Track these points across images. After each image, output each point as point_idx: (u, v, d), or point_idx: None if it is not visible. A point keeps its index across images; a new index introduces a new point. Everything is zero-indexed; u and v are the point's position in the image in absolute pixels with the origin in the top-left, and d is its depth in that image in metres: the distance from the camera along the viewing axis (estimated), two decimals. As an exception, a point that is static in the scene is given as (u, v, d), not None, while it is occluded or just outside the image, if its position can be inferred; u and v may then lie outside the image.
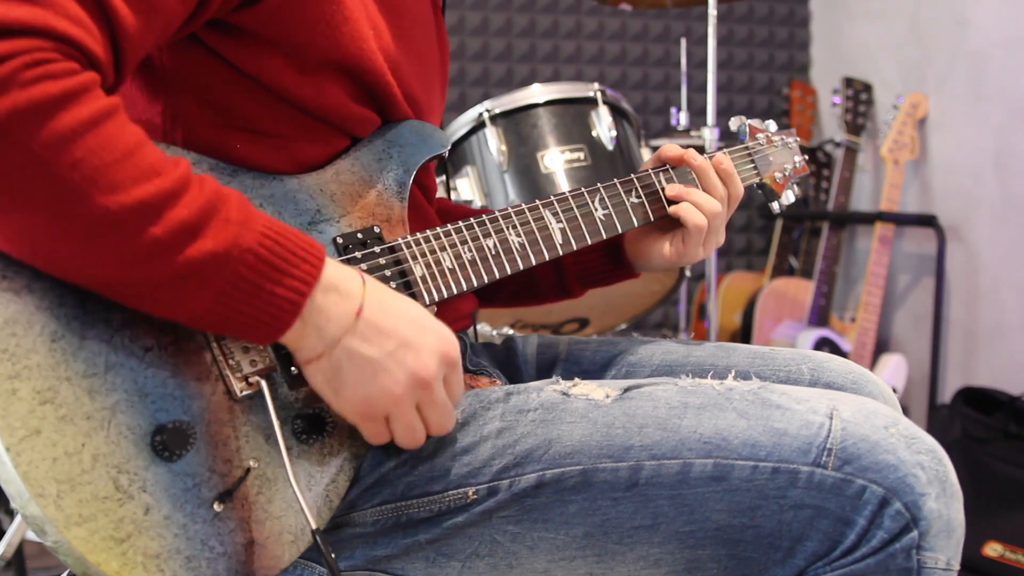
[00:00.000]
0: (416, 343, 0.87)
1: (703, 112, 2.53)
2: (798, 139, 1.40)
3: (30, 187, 0.72)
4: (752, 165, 1.30)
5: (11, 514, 2.19)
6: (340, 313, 0.84)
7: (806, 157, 1.40)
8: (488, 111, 2.12)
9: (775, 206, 1.33)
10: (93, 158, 0.73)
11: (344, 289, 0.84)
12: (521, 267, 1.06)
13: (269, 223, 0.81)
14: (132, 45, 0.81)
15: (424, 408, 0.89)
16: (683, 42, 2.54)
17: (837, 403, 0.94)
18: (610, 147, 2.14)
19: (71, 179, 0.72)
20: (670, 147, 1.20)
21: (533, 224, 1.08)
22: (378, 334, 0.85)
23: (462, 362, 1.15)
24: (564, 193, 1.12)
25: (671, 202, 1.19)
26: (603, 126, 2.14)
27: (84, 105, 0.74)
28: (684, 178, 1.21)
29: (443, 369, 0.89)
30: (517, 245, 1.06)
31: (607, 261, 1.28)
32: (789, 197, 1.35)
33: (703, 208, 1.17)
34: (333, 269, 0.84)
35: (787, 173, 1.34)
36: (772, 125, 1.36)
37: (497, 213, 1.06)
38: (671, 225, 1.21)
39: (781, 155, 1.35)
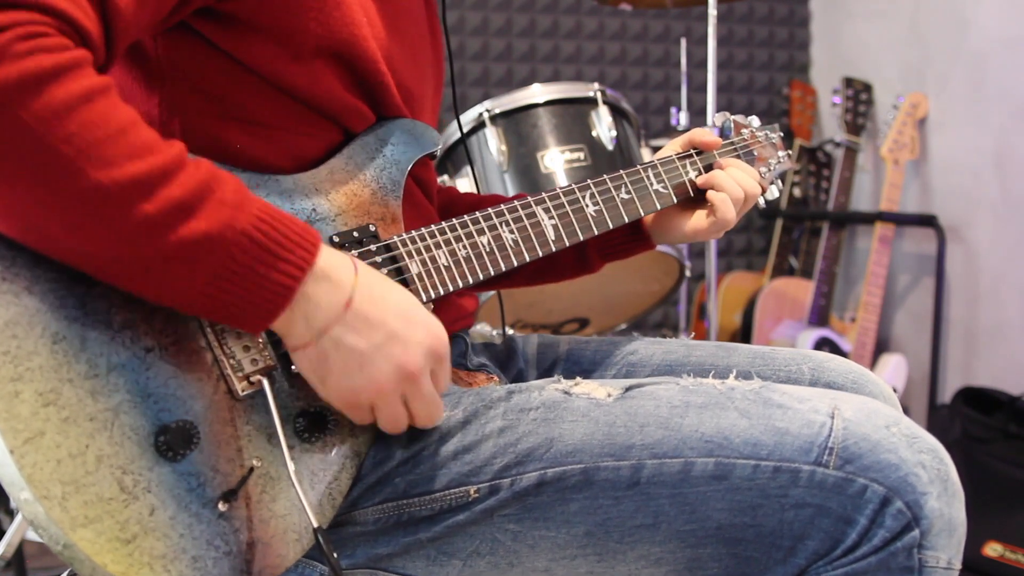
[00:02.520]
0: (404, 336, 0.87)
1: (703, 112, 2.54)
2: (780, 134, 1.41)
3: (22, 160, 0.71)
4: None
5: (11, 514, 2.19)
6: (329, 303, 0.83)
7: (789, 152, 1.41)
8: (488, 111, 2.12)
9: (760, 201, 1.35)
10: (86, 132, 0.73)
11: (335, 278, 0.84)
12: (515, 263, 1.07)
13: (264, 207, 0.81)
14: (124, 26, 0.81)
15: (410, 400, 0.89)
16: (683, 42, 2.54)
17: (839, 402, 0.94)
18: (610, 147, 2.14)
19: (64, 152, 0.72)
20: (703, 132, 1.27)
21: (526, 221, 1.08)
22: (366, 326, 0.85)
23: (462, 360, 1.16)
24: (556, 190, 1.13)
25: (698, 191, 1.25)
26: (603, 126, 2.15)
27: (78, 80, 0.73)
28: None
29: (430, 363, 0.89)
30: (511, 242, 1.06)
31: (627, 233, 1.30)
32: (773, 192, 1.37)
33: (733, 198, 1.23)
34: (327, 256, 0.84)
35: (772, 168, 1.36)
36: (755, 121, 1.39)
37: (491, 210, 1.06)
38: (691, 201, 1.26)
39: (766, 151, 1.37)
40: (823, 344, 3.12)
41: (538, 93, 2.15)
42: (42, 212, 0.74)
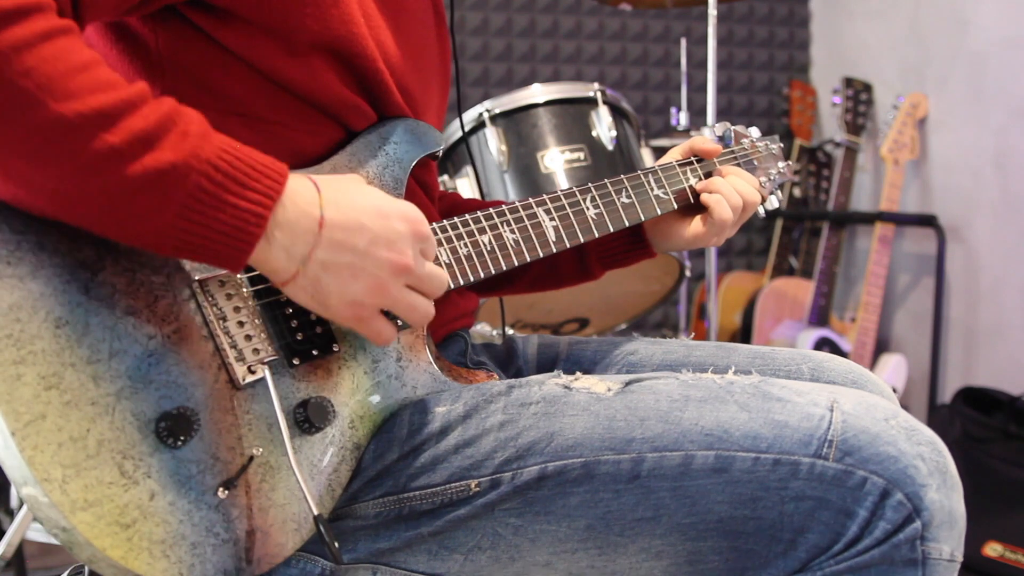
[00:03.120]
0: (384, 233, 0.86)
1: (703, 112, 2.54)
2: (781, 145, 1.42)
3: None
4: None
5: (11, 514, 2.19)
6: (303, 227, 0.83)
7: (789, 163, 1.42)
8: (488, 111, 2.12)
9: (760, 211, 1.36)
10: (47, 66, 0.73)
11: (302, 203, 0.83)
12: (516, 263, 1.07)
13: (228, 140, 0.81)
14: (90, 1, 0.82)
15: (415, 285, 0.89)
16: (683, 42, 2.54)
17: (838, 396, 0.94)
18: (610, 147, 2.14)
19: (24, 86, 0.72)
20: (703, 140, 1.28)
21: (527, 221, 1.09)
22: (346, 237, 0.85)
23: (462, 360, 1.16)
24: (557, 192, 1.14)
25: (696, 197, 1.26)
26: (603, 126, 2.15)
27: (38, 20, 0.74)
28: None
29: (417, 246, 0.89)
30: (511, 241, 1.07)
31: (628, 241, 1.30)
32: (773, 202, 1.38)
33: (730, 202, 1.23)
34: (291, 182, 0.83)
35: (772, 178, 1.37)
36: (755, 131, 1.40)
37: (492, 211, 1.07)
38: (690, 208, 1.26)
39: (766, 160, 1.38)
40: (823, 344, 3.12)
41: (538, 93, 2.16)
42: (5, 149, 0.73)
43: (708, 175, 1.28)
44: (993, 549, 2.44)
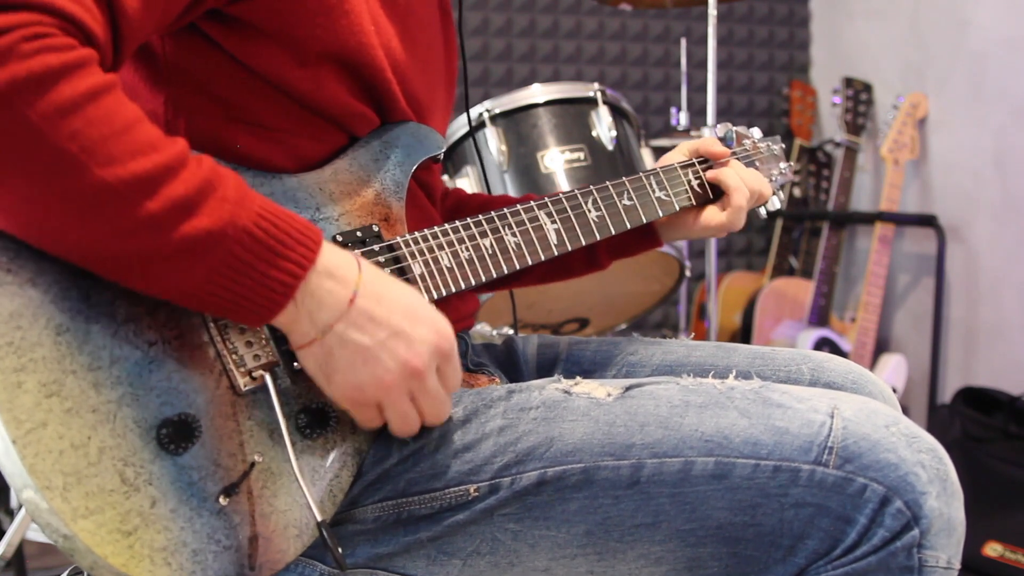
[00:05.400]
0: (408, 333, 0.87)
1: (703, 112, 2.54)
2: (782, 145, 1.42)
3: (27, 157, 0.72)
4: None
5: (11, 514, 2.19)
6: (333, 300, 0.84)
7: (791, 164, 1.43)
8: (488, 111, 2.12)
9: (762, 211, 1.36)
10: (91, 130, 0.73)
11: (339, 275, 0.84)
12: (517, 266, 1.07)
13: (266, 204, 0.81)
14: (131, 29, 0.81)
15: (418, 398, 0.89)
16: (683, 42, 2.54)
17: (838, 402, 0.94)
18: (610, 147, 2.14)
19: (68, 150, 0.72)
20: (711, 141, 1.29)
21: (528, 224, 1.09)
22: (370, 322, 0.85)
23: (463, 361, 1.16)
24: (559, 194, 1.14)
25: (704, 195, 1.28)
26: (603, 126, 2.15)
27: (83, 78, 0.74)
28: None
29: (436, 360, 0.89)
30: (513, 245, 1.07)
31: (636, 232, 1.30)
32: (775, 203, 1.39)
33: (748, 186, 1.26)
34: (329, 254, 0.84)
35: (773, 179, 1.37)
36: (756, 132, 1.40)
37: (493, 213, 1.07)
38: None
39: (768, 161, 1.38)
40: (823, 344, 3.12)
41: (538, 93, 2.16)
42: (45, 209, 0.74)
43: None
44: (993, 549, 2.44)
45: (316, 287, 0.83)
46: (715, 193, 1.29)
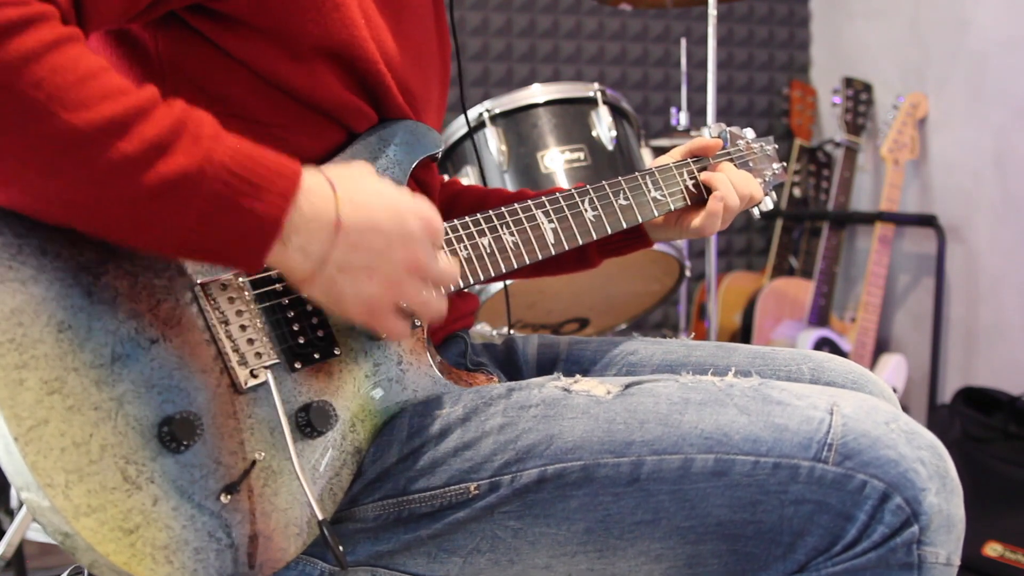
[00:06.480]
0: (399, 233, 0.87)
1: (703, 112, 2.54)
2: (775, 146, 1.43)
3: None
4: None
5: (11, 514, 2.19)
6: (319, 230, 0.83)
7: (784, 164, 1.43)
8: (488, 111, 2.12)
9: (755, 212, 1.36)
10: (57, 77, 0.73)
11: (319, 201, 0.83)
12: (515, 266, 1.08)
13: (239, 140, 0.81)
14: (94, 3, 0.81)
15: (428, 280, 0.90)
16: (683, 42, 2.55)
17: (838, 399, 0.94)
18: (610, 147, 2.14)
19: (35, 97, 0.72)
20: (701, 139, 1.30)
21: (526, 224, 1.10)
22: (361, 238, 0.85)
23: (462, 361, 1.16)
24: (555, 194, 1.14)
25: (699, 195, 1.28)
26: (603, 126, 2.15)
27: (44, 29, 0.74)
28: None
29: (429, 242, 0.90)
30: (511, 244, 1.08)
31: (625, 233, 1.31)
32: (768, 204, 1.39)
33: (738, 191, 1.26)
34: (306, 180, 0.83)
35: (767, 179, 1.38)
36: (750, 132, 1.41)
37: (491, 212, 1.07)
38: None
39: (761, 162, 1.38)
40: (823, 344, 3.12)
41: (538, 93, 2.16)
42: (20, 163, 0.73)
43: None
44: (993, 549, 2.44)
45: (299, 220, 0.82)
46: (709, 193, 1.29)
